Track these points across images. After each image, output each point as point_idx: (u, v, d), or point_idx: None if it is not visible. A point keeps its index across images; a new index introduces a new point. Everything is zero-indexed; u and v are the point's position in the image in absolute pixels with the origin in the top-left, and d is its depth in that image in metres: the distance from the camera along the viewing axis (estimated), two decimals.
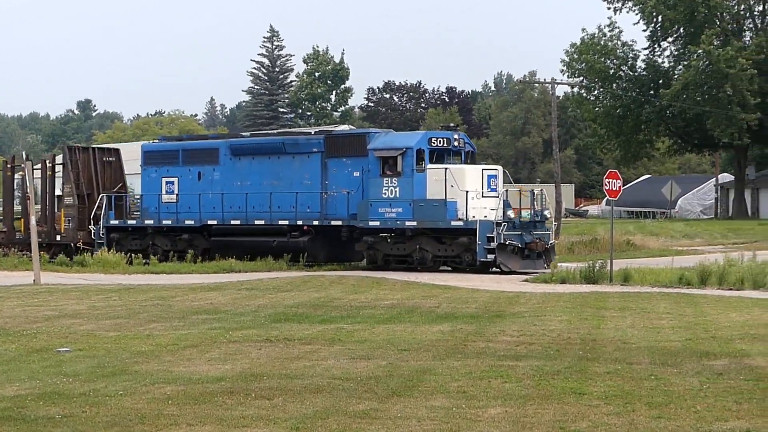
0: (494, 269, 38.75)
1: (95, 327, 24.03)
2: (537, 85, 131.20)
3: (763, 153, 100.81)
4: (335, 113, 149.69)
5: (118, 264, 47.77)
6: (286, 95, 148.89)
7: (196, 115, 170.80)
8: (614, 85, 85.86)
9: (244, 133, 54.94)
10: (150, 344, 20.77)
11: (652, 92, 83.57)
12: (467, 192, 38.80)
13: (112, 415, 13.04)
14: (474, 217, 38.57)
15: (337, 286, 36.98)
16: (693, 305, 27.67)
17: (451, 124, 51.61)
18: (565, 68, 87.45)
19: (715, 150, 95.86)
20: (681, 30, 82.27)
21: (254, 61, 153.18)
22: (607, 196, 36.79)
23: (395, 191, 39.71)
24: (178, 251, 45.51)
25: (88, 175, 48.93)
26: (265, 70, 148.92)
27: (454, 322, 24.59)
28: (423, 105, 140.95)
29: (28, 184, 47.61)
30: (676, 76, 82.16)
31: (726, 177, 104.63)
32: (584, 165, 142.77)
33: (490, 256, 38.42)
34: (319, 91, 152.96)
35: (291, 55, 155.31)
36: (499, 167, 42.89)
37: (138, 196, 49.54)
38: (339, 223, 41.42)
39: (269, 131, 78.69)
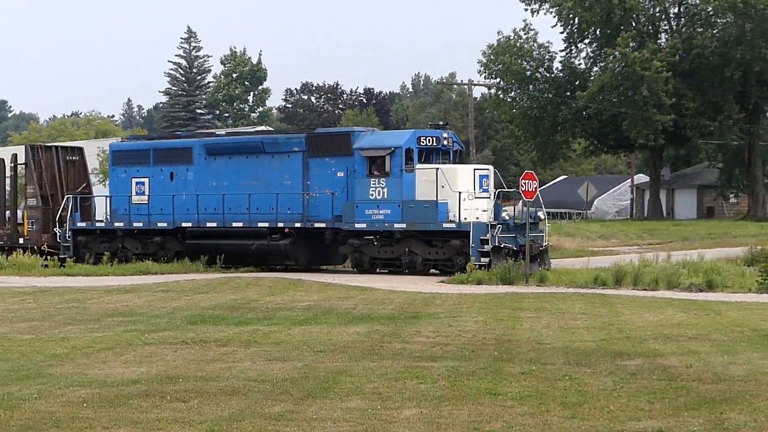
0: None
1: (9, 330, 24.09)
2: (455, 86, 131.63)
3: (678, 154, 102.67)
4: (253, 114, 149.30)
5: (33, 266, 47.65)
6: (204, 96, 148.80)
7: (113, 116, 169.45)
8: (531, 86, 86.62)
9: (219, 132, 54.11)
10: (65, 347, 20.83)
11: (568, 94, 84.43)
12: (459, 193, 38.12)
13: (27, 418, 13.05)
14: (467, 218, 37.87)
15: (254, 288, 36.79)
16: (608, 306, 28.41)
17: (441, 123, 50.70)
18: (482, 70, 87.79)
19: (630, 151, 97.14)
20: (597, 32, 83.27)
21: (171, 62, 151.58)
22: (523, 197, 36.37)
23: (383, 192, 38.84)
24: (150, 254, 44.06)
25: (51, 174, 47.85)
26: (182, 71, 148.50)
27: (371, 324, 24.86)
28: (341, 106, 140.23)
29: None
30: (592, 78, 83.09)
31: (641, 178, 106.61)
32: (501, 166, 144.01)
33: (484, 260, 37.57)
34: (236, 92, 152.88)
35: (208, 56, 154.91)
36: (491, 167, 42.73)
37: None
38: (323, 225, 40.67)
39: (246, 130, 77.47)
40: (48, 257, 48.36)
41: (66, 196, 47.40)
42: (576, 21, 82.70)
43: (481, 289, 35.35)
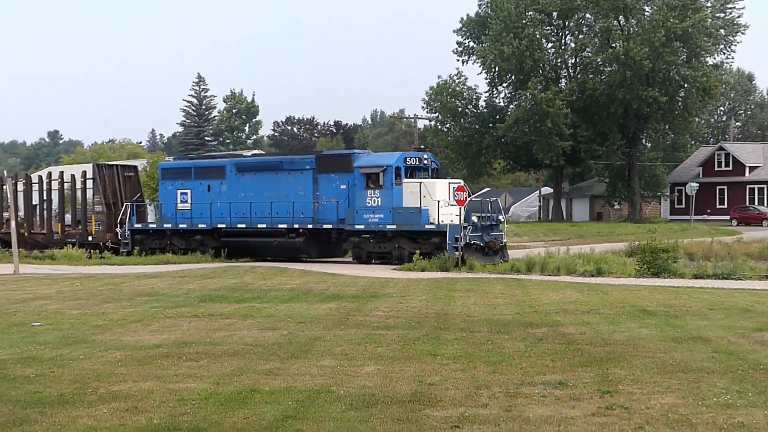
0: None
1: (61, 306, 25.08)
2: (404, 119, 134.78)
3: (575, 171, 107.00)
4: (248, 141, 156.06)
5: (80, 258, 49.65)
6: (211, 127, 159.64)
7: (140, 142, 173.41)
8: (462, 120, 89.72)
9: (245, 153, 55.44)
10: (104, 320, 21.64)
11: (491, 125, 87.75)
12: (438, 201, 39.58)
13: (75, 374, 13.95)
14: (443, 221, 39.41)
15: (250, 274, 38.05)
16: (521, 287, 29.16)
17: (422, 146, 53.49)
18: (425, 106, 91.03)
19: (539, 169, 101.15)
20: (513, 78, 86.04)
21: (185, 100, 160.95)
22: (457, 205, 38.14)
23: (377, 201, 40.47)
24: (192, 249, 46.04)
25: (113, 187, 50.34)
26: (193, 108, 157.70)
27: (339, 301, 25.80)
28: (316, 135, 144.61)
29: (10, 197, 48.32)
30: (509, 113, 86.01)
31: (547, 190, 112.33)
32: None
33: (457, 253, 38.46)
34: (235, 123, 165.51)
35: (213, 96, 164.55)
36: (461, 181, 43.81)
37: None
38: (330, 226, 42.13)
39: (269, 152, 78.76)
40: (93, 251, 51.78)
41: (125, 204, 49.71)
42: (496, 69, 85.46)
43: (424, 275, 36.55)
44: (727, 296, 25.74)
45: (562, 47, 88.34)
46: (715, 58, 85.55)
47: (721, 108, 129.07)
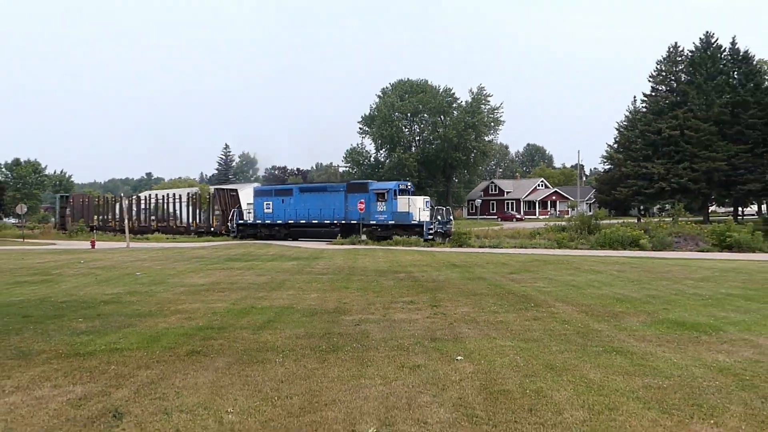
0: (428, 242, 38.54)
1: (151, 264, 25.03)
2: (332, 168, 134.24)
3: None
4: (252, 178, 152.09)
5: (161, 238, 51.37)
6: (232, 170, 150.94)
7: (195, 178, 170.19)
8: (361, 168, 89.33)
9: (304, 184, 55.85)
10: (174, 270, 21.74)
11: (377, 170, 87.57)
12: (418, 208, 40.23)
13: (157, 300, 14.34)
14: (421, 219, 39.44)
15: (251, 247, 37.03)
16: (392, 253, 29.04)
17: (406, 179, 54.07)
18: (343, 160, 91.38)
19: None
20: (388, 146, 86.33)
21: (219, 157, 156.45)
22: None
23: (383, 208, 40.45)
24: (272, 236, 45.68)
25: (224, 200, 51.62)
26: (223, 161, 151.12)
27: (298, 261, 25.69)
28: (287, 175, 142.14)
29: (125, 209, 49.52)
30: (386, 165, 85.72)
31: None
32: None
33: (429, 238, 38.76)
34: (245, 170, 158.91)
35: (234, 155, 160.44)
36: (429, 197, 44.68)
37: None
38: (354, 222, 41.53)
39: (319, 182, 77.37)
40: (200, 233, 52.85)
41: (232, 210, 49.78)
42: (380, 142, 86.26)
43: (344, 247, 36.11)
44: (495, 257, 26.41)
45: (413, 131, 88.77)
46: (488, 137, 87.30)
47: (492, 161, 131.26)
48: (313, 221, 43.89)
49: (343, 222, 42.41)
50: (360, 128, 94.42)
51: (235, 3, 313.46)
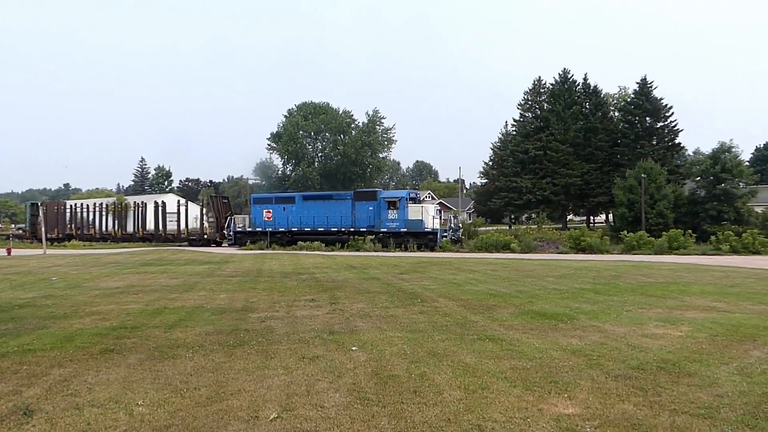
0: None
1: (67, 269, 23.46)
2: (242, 180, 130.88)
3: None
4: (167, 189, 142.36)
5: (78, 245, 46.33)
6: (148, 181, 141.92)
7: (112, 189, 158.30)
8: (270, 181, 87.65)
9: (308, 193, 49.68)
10: (89, 275, 20.43)
11: (284, 183, 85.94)
12: (431, 216, 36.44)
13: (72, 303, 13.58)
14: (434, 227, 35.92)
15: (165, 252, 35.37)
16: (296, 257, 28.70)
17: (416, 189, 49.39)
18: (253, 173, 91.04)
19: None
20: (293, 161, 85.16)
21: (135, 170, 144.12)
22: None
23: (395, 215, 36.65)
24: (272, 242, 40.48)
25: (217, 207, 45.24)
26: (139, 173, 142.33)
27: (209, 264, 25.04)
28: (200, 187, 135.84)
29: (41, 217, 45.22)
30: (293, 177, 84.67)
31: None
32: None
33: (440, 243, 35.63)
34: (161, 182, 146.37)
35: (149, 167, 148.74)
36: (439, 205, 42.37)
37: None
38: (363, 229, 37.91)
39: (321, 191, 72.25)
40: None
41: (228, 217, 44.50)
42: (286, 157, 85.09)
43: (250, 252, 35.32)
44: (388, 259, 26.93)
45: (315, 147, 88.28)
46: (382, 154, 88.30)
47: (386, 176, 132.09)
48: (319, 229, 40.04)
49: (352, 229, 38.84)
50: (268, 144, 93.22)
51: (119, 16, 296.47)
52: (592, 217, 67.01)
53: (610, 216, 62.86)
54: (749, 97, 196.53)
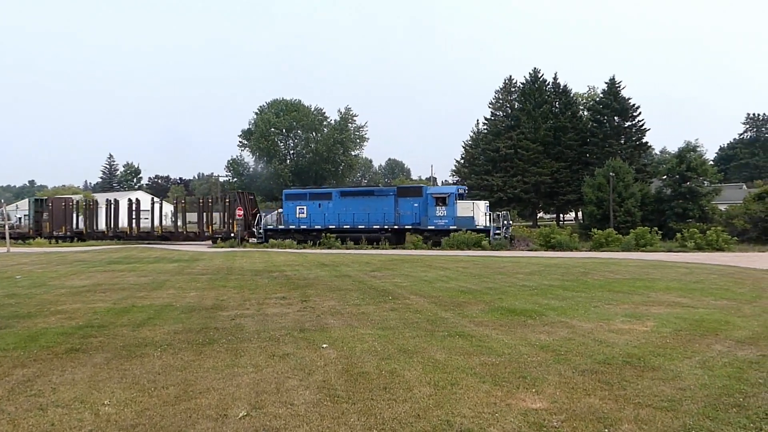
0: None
1: (32, 267, 23.11)
2: (214, 176, 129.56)
3: None
4: (136, 187, 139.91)
5: (44, 243, 44.68)
6: (116, 178, 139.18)
7: (79, 186, 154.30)
8: (242, 178, 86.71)
9: (344, 188, 46.24)
10: (56, 274, 20.17)
11: (254, 180, 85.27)
12: (483, 213, 35.32)
13: (37, 302, 13.42)
14: (486, 224, 34.99)
15: (134, 250, 34.86)
16: (267, 255, 28.69)
17: (464, 185, 46.86)
18: (226, 170, 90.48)
19: (276, 200, 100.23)
20: (265, 158, 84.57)
21: (104, 166, 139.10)
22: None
23: (444, 212, 35.12)
24: (305, 241, 38.26)
25: (245, 204, 42.15)
26: (107, 170, 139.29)
27: (179, 262, 24.89)
28: (170, 184, 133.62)
29: (4, 215, 44.38)
30: (263, 175, 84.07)
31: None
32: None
33: (492, 241, 33.91)
34: (129, 179, 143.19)
35: (118, 164, 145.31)
36: (487, 202, 39.52)
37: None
38: (408, 227, 36.53)
39: (361, 185, 68.09)
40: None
41: (258, 214, 42.79)
42: (257, 154, 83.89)
43: (223, 250, 34.90)
44: (360, 257, 27.14)
45: (287, 145, 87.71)
46: (355, 152, 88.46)
47: (358, 173, 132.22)
48: (359, 226, 37.99)
49: (395, 227, 37.13)
50: (240, 141, 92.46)
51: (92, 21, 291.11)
52: (561, 215, 67.65)
53: (580, 214, 64.06)
54: (714, 97, 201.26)
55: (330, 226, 39.04)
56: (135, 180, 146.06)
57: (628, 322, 9.67)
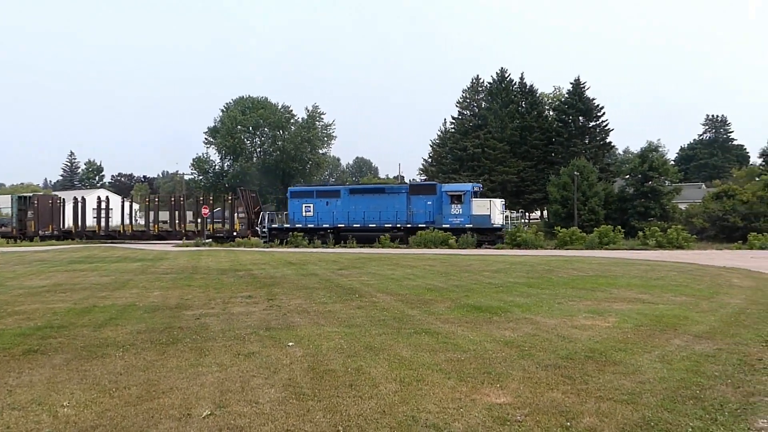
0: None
1: None
2: (179, 175, 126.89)
3: (264, 201, 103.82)
4: (98, 185, 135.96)
5: (2, 242, 44.01)
6: (77, 176, 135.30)
7: (39, 184, 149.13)
8: (208, 176, 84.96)
9: (353, 186, 44.50)
10: (13, 274, 19.69)
11: (221, 179, 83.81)
12: (499, 211, 35.17)
13: None
14: (501, 222, 34.82)
15: (96, 249, 34.44)
16: (234, 254, 28.37)
17: (479, 183, 45.63)
18: (191, 168, 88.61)
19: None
20: (231, 156, 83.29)
21: (65, 163, 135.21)
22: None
23: (459, 210, 34.65)
24: (311, 240, 37.22)
25: (247, 202, 41.10)
26: (68, 167, 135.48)
27: (143, 261, 24.72)
28: (133, 182, 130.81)
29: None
30: (230, 173, 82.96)
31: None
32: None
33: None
34: (92, 177, 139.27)
35: (79, 161, 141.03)
36: (503, 200, 39.83)
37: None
38: (423, 225, 35.59)
39: (370, 183, 65.81)
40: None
41: (262, 212, 41.33)
42: (224, 152, 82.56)
43: (189, 249, 34.31)
44: (327, 255, 27.09)
45: (254, 143, 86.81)
46: (322, 150, 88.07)
47: (326, 172, 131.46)
48: (370, 225, 37.06)
49: (408, 225, 36.33)
50: (205, 139, 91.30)
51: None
52: (527, 214, 69.63)
53: (545, 212, 65.09)
54: (677, 97, 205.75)
55: (339, 225, 38.11)
56: (97, 178, 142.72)
57: (591, 318, 9.83)
